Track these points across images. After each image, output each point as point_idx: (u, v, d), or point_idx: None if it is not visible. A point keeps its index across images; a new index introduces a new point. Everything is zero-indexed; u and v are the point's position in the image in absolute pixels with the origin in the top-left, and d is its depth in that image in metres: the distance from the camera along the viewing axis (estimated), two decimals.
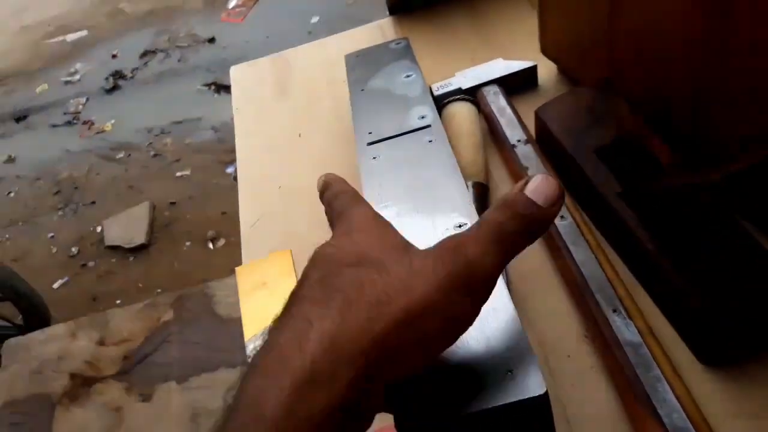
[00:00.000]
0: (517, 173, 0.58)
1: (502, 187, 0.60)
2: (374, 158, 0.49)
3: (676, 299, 0.46)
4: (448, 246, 0.28)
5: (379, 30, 0.81)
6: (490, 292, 0.28)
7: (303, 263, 0.58)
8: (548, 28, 0.64)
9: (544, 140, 0.58)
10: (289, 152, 0.70)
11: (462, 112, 0.64)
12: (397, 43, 0.65)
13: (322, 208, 0.36)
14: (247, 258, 0.63)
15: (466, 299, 0.27)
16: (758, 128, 0.44)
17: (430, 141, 0.48)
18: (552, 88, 0.67)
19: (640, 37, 0.51)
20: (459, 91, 0.66)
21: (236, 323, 1.81)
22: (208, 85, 2.72)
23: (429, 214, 0.41)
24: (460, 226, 0.38)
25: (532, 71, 0.67)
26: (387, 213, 0.41)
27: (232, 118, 2.55)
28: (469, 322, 0.28)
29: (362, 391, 0.25)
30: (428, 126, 0.50)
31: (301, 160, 0.68)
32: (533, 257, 0.55)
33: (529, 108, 0.64)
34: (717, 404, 0.44)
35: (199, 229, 2.20)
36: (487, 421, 0.28)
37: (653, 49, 0.50)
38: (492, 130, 0.63)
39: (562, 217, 0.53)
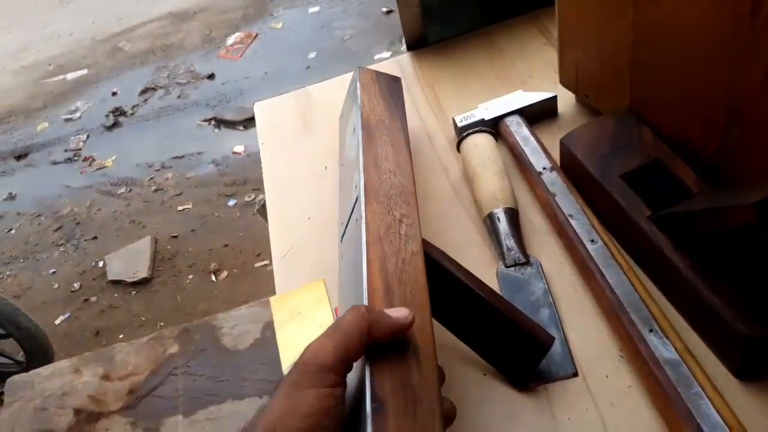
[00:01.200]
0: (545, 200, 0.60)
1: (529, 212, 0.62)
2: (342, 259, 0.53)
3: (712, 320, 0.47)
4: (296, 360, 0.37)
5: (397, 64, 0.84)
6: (333, 375, 0.35)
7: (335, 290, 0.59)
8: (568, 59, 0.67)
9: (569, 167, 0.60)
10: (316, 184, 0.72)
11: (483, 142, 0.66)
12: (352, 82, 0.66)
13: None
14: (280, 288, 0.64)
15: (310, 391, 0.34)
16: None
17: (356, 220, 0.50)
18: (570, 118, 0.69)
19: (664, 65, 0.53)
20: (482, 122, 0.68)
21: (243, 355, 1.80)
22: (208, 120, 2.74)
23: None
24: None
25: (552, 102, 0.69)
26: None
27: (233, 152, 2.55)
28: (327, 404, 0.34)
29: None
30: (357, 199, 0.51)
31: (329, 192, 0.70)
32: (565, 281, 0.56)
33: (550, 137, 0.66)
34: (753, 418, 0.45)
35: (202, 262, 2.20)
36: None
37: (678, 76, 0.53)
38: (517, 159, 0.65)
39: (592, 240, 0.55)
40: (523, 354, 0.50)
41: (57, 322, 2.13)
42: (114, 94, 3.08)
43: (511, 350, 0.50)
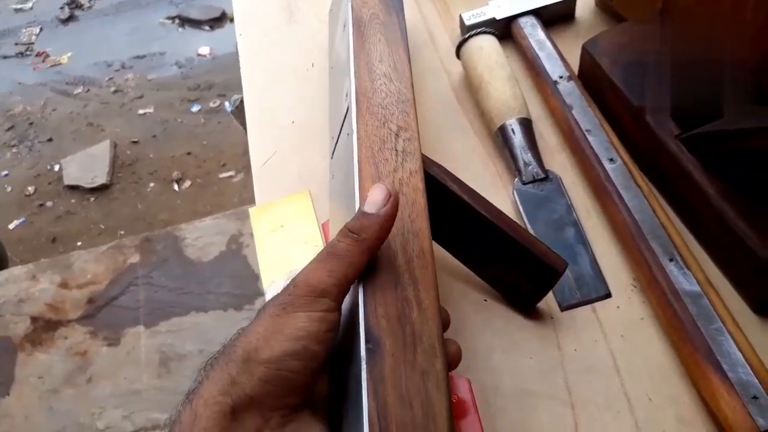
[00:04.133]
0: (560, 112, 0.54)
1: (541, 126, 0.56)
2: (333, 178, 0.48)
3: (739, 249, 0.43)
4: (286, 285, 0.34)
5: None
6: (328, 300, 0.32)
7: (321, 203, 0.54)
8: None
9: (590, 77, 0.54)
10: (302, 84, 0.65)
11: (488, 44, 0.60)
12: None
13: None
14: (261, 198, 0.57)
15: (300, 314, 0.31)
16: None
17: (348, 134, 0.44)
18: (588, 24, 0.63)
19: None
20: (493, 21, 0.61)
21: (206, 267, 1.74)
22: (172, 18, 2.57)
23: None
24: None
25: (569, 3, 0.62)
26: None
27: (197, 54, 2.38)
28: (318, 329, 0.31)
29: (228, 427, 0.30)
30: (347, 110, 0.45)
31: (316, 94, 0.62)
32: (579, 202, 0.52)
33: (565, 43, 0.60)
34: None
35: (164, 169, 2.11)
36: None
37: None
38: (529, 66, 0.59)
39: (611, 159, 0.50)
40: (534, 280, 0.45)
41: (11, 227, 2.03)
42: None
43: (520, 276, 0.46)
